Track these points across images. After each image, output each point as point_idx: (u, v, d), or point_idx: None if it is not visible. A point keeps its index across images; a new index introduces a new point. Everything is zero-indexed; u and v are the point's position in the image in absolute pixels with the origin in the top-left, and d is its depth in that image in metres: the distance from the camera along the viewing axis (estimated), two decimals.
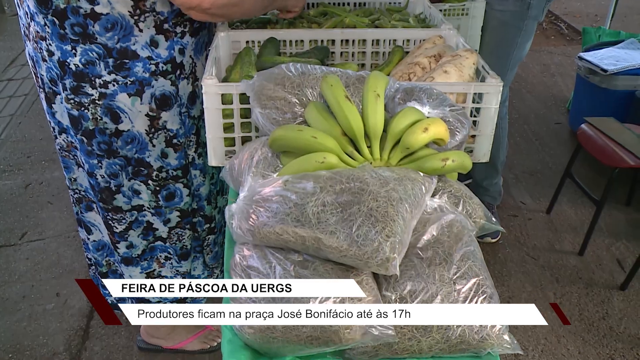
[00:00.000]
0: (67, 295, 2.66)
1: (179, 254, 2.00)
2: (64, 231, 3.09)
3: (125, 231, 1.88)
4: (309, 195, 1.11)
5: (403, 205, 1.10)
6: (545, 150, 3.90)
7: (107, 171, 1.73)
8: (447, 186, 1.32)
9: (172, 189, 1.83)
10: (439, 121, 1.30)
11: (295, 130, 1.29)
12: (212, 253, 2.16)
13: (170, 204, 1.86)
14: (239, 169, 1.39)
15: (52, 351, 2.39)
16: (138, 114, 1.65)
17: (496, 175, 3.07)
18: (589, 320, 2.58)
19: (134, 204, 1.83)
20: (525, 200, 3.40)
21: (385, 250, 1.04)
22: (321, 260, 1.11)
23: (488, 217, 1.34)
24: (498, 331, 1.11)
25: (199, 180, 1.93)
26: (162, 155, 1.76)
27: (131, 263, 1.97)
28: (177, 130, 1.73)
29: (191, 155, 1.85)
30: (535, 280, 2.80)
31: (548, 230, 3.17)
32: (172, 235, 1.94)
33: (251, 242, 1.18)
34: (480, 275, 1.14)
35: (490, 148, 1.63)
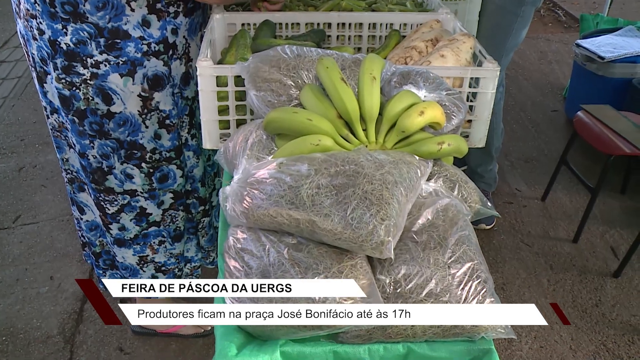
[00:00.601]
0: (61, 279, 2.66)
1: (173, 235, 2.00)
2: (58, 214, 3.08)
3: (117, 213, 1.88)
4: (304, 178, 1.10)
5: (398, 188, 1.09)
6: (541, 137, 3.90)
7: (99, 152, 1.72)
8: (443, 170, 1.31)
9: (165, 170, 1.83)
10: (435, 105, 1.29)
11: (290, 112, 1.28)
12: (207, 236, 2.15)
13: (164, 186, 1.85)
14: (233, 151, 1.38)
15: (45, 334, 2.39)
16: (130, 95, 1.64)
17: (491, 162, 3.07)
18: (582, 307, 2.59)
19: (126, 188, 1.82)
20: (520, 187, 3.40)
21: (380, 233, 1.03)
22: (315, 243, 1.11)
23: (483, 202, 1.33)
24: None
25: (193, 161, 1.92)
26: (156, 137, 1.75)
27: (124, 245, 1.97)
28: (169, 110, 1.72)
29: (184, 136, 1.84)
30: (529, 267, 2.81)
31: (543, 218, 3.17)
32: (166, 217, 1.94)
33: (245, 224, 1.17)
34: (475, 259, 1.14)
35: (487, 133, 1.63)
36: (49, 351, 2.31)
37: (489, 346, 1.15)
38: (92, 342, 2.36)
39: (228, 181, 1.24)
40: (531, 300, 2.60)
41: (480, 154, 3.00)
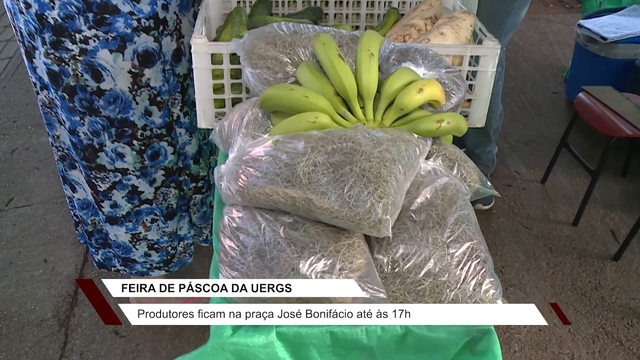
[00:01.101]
0: (55, 262, 2.65)
1: (165, 213, 1.99)
2: (52, 197, 3.07)
3: (109, 190, 1.87)
4: (300, 155, 1.09)
5: (396, 166, 1.09)
6: (541, 119, 3.89)
7: (90, 129, 1.71)
8: (442, 149, 1.31)
9: (156, 147, 1.82)
10: (434, 82, 1.28)
11: (287, 89, 1.27)
12: (199, 212, 2.16)
13: (156, 163, 1.84)
14: (228, 130, 1.37)
15: (40, 317, 2.39)
16: (120, 71, 1.62)
17: (489, 143, 3.05)
18: (582, 291, 2.59)
19: (117, 166, 1.81)
20: (520, 170, 3.39)
21: (378, 211, 1.03)
22: (312, 222, 1.10)
23: (483, 182, 1.33)
24: (492, 296, 1.11)
25: (185, 138, 1.92)
26: (146, 113, 1.74)
27: (116, 222, 1.96)
28: (160, 87, 1.71)
29: (176, 113, 1.83)
30: (528, 250, 2.81)
31: (542, 200, 3.17)
32: (158, 195, 1.93)
33: (240, 203, 1.16)
34: (474, 239, 1.14)
35: (486, 112, 1.62)
36: (44, 334, 2.32)
37: (488, 327, 1.14)
38: (87, 325, 2.36)
39: (223, 160, 1.23)
40: (530, 283, 2.60)
41: (478, 135, 2.99)
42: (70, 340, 2.30)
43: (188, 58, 1.81)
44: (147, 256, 2.10)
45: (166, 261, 2.12)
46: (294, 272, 1.05)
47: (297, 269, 1.05)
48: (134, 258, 2.10)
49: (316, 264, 1.05)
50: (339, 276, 1.04)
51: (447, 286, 1.09)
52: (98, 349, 2.27)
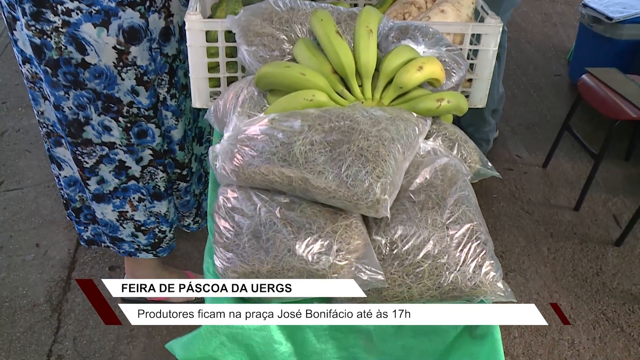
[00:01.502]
0: (47, 246, 2.65)
1: (152, 193, 1.99)
2: (43, 180, 3.06)
3: (96, 165, 1.86)
4: (297, 134, 1.09)
5: (395, 145, 1.08)
6: (543, 102, 3.88)
7: (75, 102, 1.70)
8: (442, 128, 1.30)
9: (144, 126, 1.81)
10: (434, 60, 1.27)
11: (283, 67, 1.26)
12: (182, 199, 2.15)
13: (142, 142, 1.84)
14: (223, 109, 1.37)
15: (32, 302, 2.39)
16: (105, 47, 1.61)
17: (484, 124, 3.04)
18: (583, 276, 2.60)
19: (104, 140, 1.80)
20: (521, 154, 3.39)
21: (376, 191, 1.02)
22: (308, 202, 1.10)
23: (484, 162, 1.33)
24: (492, 278, 1.11)
25: (171, 122, 1.90)
26: (133, 92, 1.73)
27: (103, 200, 1.96)
28: (146, 66, 1.69)
29: (162, 94, 1.81)
30: (529, 235, 2.82)
31: (544, 185, 3.17)
32: (145, 174, 1.93)
33: (235, 183, 1.16)
34: (474, 220, 1.13)
35: (487, 92, 1.61)
36: (36, 319, 2.32)
37: None
38: (80, 310, 2.36)
39: (218, 139, 1.23)
40: (530, 268, 2.61)
41: (472, 114, 2.99)
42: (63, 325, 2.30)
43: (177, 39, 1.79)
44: (134, 237, 2.09)
45: (154, 244, 2.12)
46: (290, 253, 1.04)
47: (293, 250, 1.04)
48: (121, 237, 2.09)
49: (313, 245, 1.04)
50: (336, 257, 1.04)
51: (447, 268, 1.09)
52: (91, 334, 2.27)
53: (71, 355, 2.20)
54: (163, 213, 2.06)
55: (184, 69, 1.90)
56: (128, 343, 2.23)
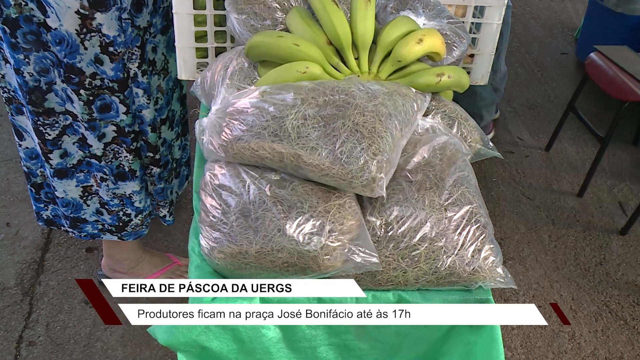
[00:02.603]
0: (19, 226, 2.65)
1: (115, 173, 1.95)
2: (15, 155, 3.05)
3: (59, 137, 1.82)
4: (289, 108, 1.09)
5: (392, 121, 1.10)
6: (547, 82, 3.90)
7: (36, 67, 1.66)
8: (442, 105, 1.31)
9: (107, 100, 1.77)
10: (435, 33, 1.28)
11: (275, 36, 1.26)
12: (156, 186, 2.13)
13: (105, 117, 1.80)
14: (211, 81, 1.37)
15: (1, 285, 2.39)
16: (67, 11, 1.56)
17: (475, 97, 3.01)
18: (585, 266, 2.63)
19: (68, 109, 1.77)
20: (522, 136, 3.41)
21: (372, 169, 1.04)
22: (300, 179, 1.11)
23: (485, 142, 1.34)
24: (491, 264, 1.13)
25: (142, 101, 1.86)
26: (97, 61, 1.69)
27: (65, 175, 1.92)
28: (114, 37, 1.65)
29: (133, 69, 1.78)
30: (529, 221, 2.84)
31: (546, 169, 3.19)
32: (108, 152, 1.89)
33: (223, 159, 1.17)
34: (473, 202, 1.15)
35: (490, 69, 1.63)
36: (5, 304, 2.32)
37: (487, 296, 1.17)
38: (54, 293, 2.36)
39: (205, 113, 1.24)
40: (530, 256, 2.63)
41: (468, 93, 3.00)
42: (35, 310, 2.30)
43: (150, 10, 1.76)
44: (98, 214, 2.06)
45: (118, 227, 2.09)
46: (280, 233, 1.06)
47: (283, 229, 1.06)
48: (84, 217, 2.06)
49: (304, 225, 1.06)
50: (328, 238, 1.06)
51: (444, 252, 1.11)
52: (66, 319, 2.27)
53: (43, 341, 2.21)
54: (128, 195, 2.02)
55: (153, 44, 1.85)
56: (105, 329, 2.24)
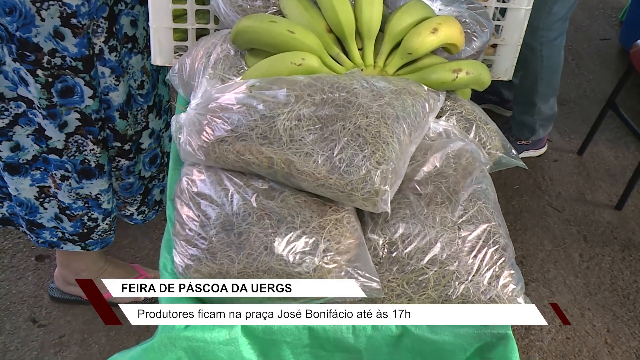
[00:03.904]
0: None
1: (79, 170, 1.92)
2: None
3: (9, 127, 1.81)
4: (281, 106, 1.11)
5: (400, 124, 1.11)
6: (583, 73, 3.89)
7: None
8: (458, 106, 1.32)
9: (70, 82, 1.76)
10: (452, 21, 1.29)
11: (267, 21, 1.27)
12: (123, 182, 2.10)
13: (68, 102, 1.79)
14: (191, 70, 1.38)
15: None
16: None
17: (530, 107, 3.04)
18: (623, 292, 2.61)
19: (21, 94, 1.76)
20: (551, 137, 3.39)
21: (375, 180, 1.05)
22: (292, 189, 1.13)
23: (506, 149, 1.35)
24: (511, 292, 1.15)
25: (110, 82, 1.85)
26: (56, 36, 1.67)
27: (17, 172, 1.90)
28: (77, 7, 1.64)
29: (99, 45, 1.77)
30: (557, 237, 2.82)
31: (578, 176, 3.17)
32: (70, 144, 1.87)
33: (203, 163, 1.18)
34: (492, 220, 1.16)
35: (515, 62, 1.63)
36: None
37: (505, 331, 1.17)
38: None
39: (184, 107, 1.25)
40: (557, 278, 2.63)
41: (521, 92, 3.03)
42: None
43: None
44: (57, 220, 2.04)
45: (82, 235, 2.07)
46: (267, 251, 1.07)
47: (270, 247, 1.07)
48: (40, 222, 2.04)
49: (295, 243, 1.07)
50: (323, 259, 1.07)
51: (456, 277, 1.12)
52: (8, 341, 2.25)
53: None
54: (94, 196, 2.00)
55: (131, 16, 1.84)
56: (56, 353, 2.23)
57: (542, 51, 2.82)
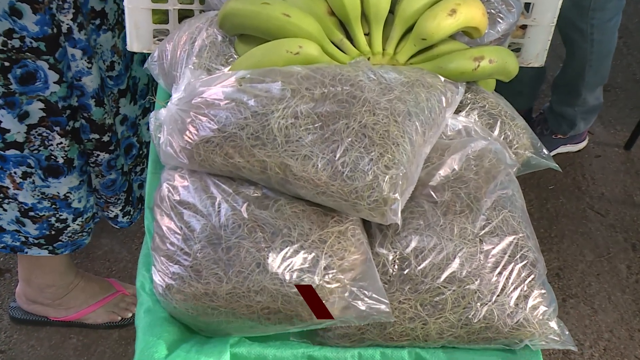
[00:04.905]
0: None
1: (45, 166, 1.93)
2: None
3: None
4: (275, 102, 1.11)
5: (412, 122, 1.11)
6: (632, 53, 3.86)
7: None
8: (480, 99, 1.32)
9: (30, 66, 1.76)
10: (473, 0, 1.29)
11: (259, 3, 1.27)
12: (104, 179, 2.11)
13: (29, 90, 1.79)
14: (172, 57, 1.39)
15: None
16: None
17: (575, 96, 3.03)
18: None
19: None
20: (593, 128, 3.38)
21: (383, 187, 1.05)
22: (288, 198, 1.13)
23: (537, 148, 1.35)
24: (542, 315, 1.14)
25: (81, 65, 1.85)
26: (13, 13, 1.67)
27: None
28: None
29: (66, 23, 1.77)
30: (600, 246, 2.82)
31: (625, 174, 3.17)
32: (33, 138, 1.87)
33: (187, 167, 1.18)
34: (519, 232, 1.16)
35: (548, 46, 1.63)
36: None
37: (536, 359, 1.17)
38: None
39: (164, 101, 1.25)
40: (601, 294, 2.62)
41: (565, 89, 3.01)
42: None
43: None
44: (19, 224, 2.04)
45: (49, 237, 2.06)
46: (259, 269, 1.07)
47: (264, 264, 1.07)
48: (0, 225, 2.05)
49: (292, 259, 1.07)
50: (324, 277, 1.07)
51: (478, 298, 1.12)
52: None
53: None
54: (63, 195, 2.01)
55: None
56: None
57: (592, 34, 2.81)
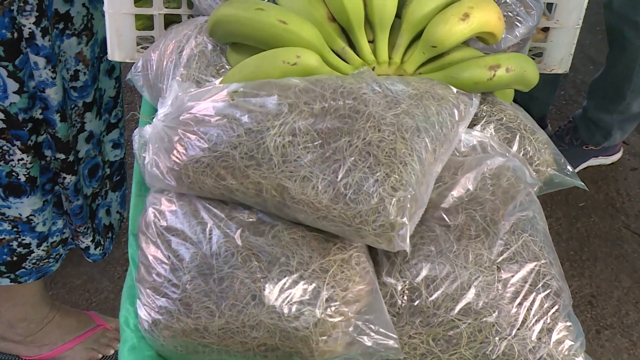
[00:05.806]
0: None
1: (4, 184, 1.92)
2: None
3: None
4: (271, 118, 1.12)
5: (421, 139, 1.13)
6: None
7: None
8: (497, 111, 1.34)
9: None
10: (487, 3, 1.30)
11: (253, 8, 1.29)
12: (72, 204, 2.09)
13: None
14: (158, 68, 1.40)
15: None
16: None
17: (616, 99, 3.01)
18: None
19: None
20: (628, 139, 3.37)
21: (389, 210, 1.06)
22: (286, 223, 1.14)
23: (560, 165, 1.36)
24: (567, 351, 1.15)
25: (46, 75, 1.84)
26: None
27: None
28: None
29: (27, 27, 1.76)
30: (637, 270, 2.80)
31: None
32: None
33: (174, 189, 1.20)
34: (541, 258, 1.18)
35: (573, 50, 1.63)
36: None
37: None
38: None
39: (148, 117, 1.26)
40: (638, 324, 2.62)
41: (605, 93, 3.00)
42: None
43: None
44: None
45: (10, 264, 2.05)
46: (255, 301, 1.08)
47: (260, 296, 1.08)
48: None
49: (291, 290, 1.08)
50: (326, 310, 1.08)
51: (496, 332, 1.13)
52: None
53: None
54: (25, 218, 2.00)
55: None
56: None
57: None
